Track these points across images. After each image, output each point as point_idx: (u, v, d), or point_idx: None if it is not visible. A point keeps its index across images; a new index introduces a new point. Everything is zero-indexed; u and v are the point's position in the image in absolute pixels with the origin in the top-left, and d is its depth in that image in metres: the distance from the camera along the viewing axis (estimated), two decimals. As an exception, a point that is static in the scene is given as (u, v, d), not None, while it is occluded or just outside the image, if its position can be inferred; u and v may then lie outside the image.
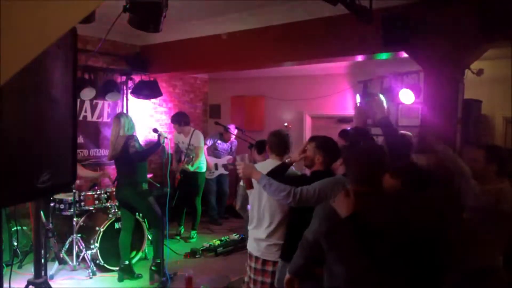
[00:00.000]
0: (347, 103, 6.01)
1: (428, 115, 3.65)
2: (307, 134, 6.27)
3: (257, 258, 2.63)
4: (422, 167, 2.19)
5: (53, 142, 1.27)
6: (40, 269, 2.15)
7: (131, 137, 3.89)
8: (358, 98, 5.31)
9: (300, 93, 6.37)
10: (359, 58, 4.35)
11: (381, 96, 4.53)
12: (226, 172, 6.01)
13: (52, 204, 4.23)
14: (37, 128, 1.22)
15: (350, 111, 5.93)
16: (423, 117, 3.84)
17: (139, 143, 3.96)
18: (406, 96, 4.49)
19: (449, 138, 3.14)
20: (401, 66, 4.71)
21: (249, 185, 2.40)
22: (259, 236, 2.59)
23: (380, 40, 3.59)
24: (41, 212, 3.11)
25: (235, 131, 5.86)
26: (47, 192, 1.26)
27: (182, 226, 5.56)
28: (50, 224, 4.12)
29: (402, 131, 3.64)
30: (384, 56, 4.07)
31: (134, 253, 4.36)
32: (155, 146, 3.96)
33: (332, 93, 6.07)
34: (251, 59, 4.77)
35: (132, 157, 3.83)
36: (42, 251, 2.64)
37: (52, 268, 4.00)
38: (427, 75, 3.64)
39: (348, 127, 4.75)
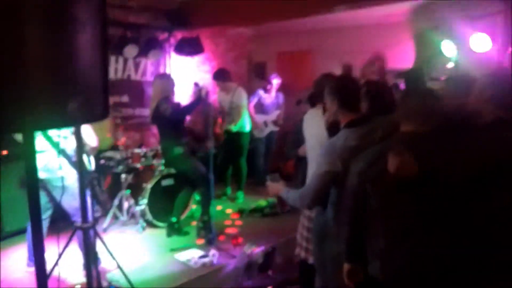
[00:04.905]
0: (406, 56, 5.43)
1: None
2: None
3: None
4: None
5: (80, 69, 1.16)
6: (86, 214, 2.15)
7: (163, 100, 3.73)
8: None
9: (352, 47, 5.85)
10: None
11: (449, 43, 3.98)
12: (277, 129, 5.75)
13: (102, 162, 4.31)
14: (63, 52, 1.12)
15: (408, 65, 5.38)
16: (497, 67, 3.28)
17: (172, 103, 3.80)
18: (480, 42, 3.89)
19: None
20: (473, 8, 4.07)
21: None
22: None
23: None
24: (88, 158, 3.12)
25: (276, 81, 5.59)
26: (78, 120, 1.20)
27: (229, 187, 5.50)
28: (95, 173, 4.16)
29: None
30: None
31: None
32: (195, 102, 3.77)
33: (389, 45, 5.49)
34: (298, 6, 4.37)
35: (170, 118, 3.70)
36: (88, 198, 2.64)
37: (105, 222, 4.13)
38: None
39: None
